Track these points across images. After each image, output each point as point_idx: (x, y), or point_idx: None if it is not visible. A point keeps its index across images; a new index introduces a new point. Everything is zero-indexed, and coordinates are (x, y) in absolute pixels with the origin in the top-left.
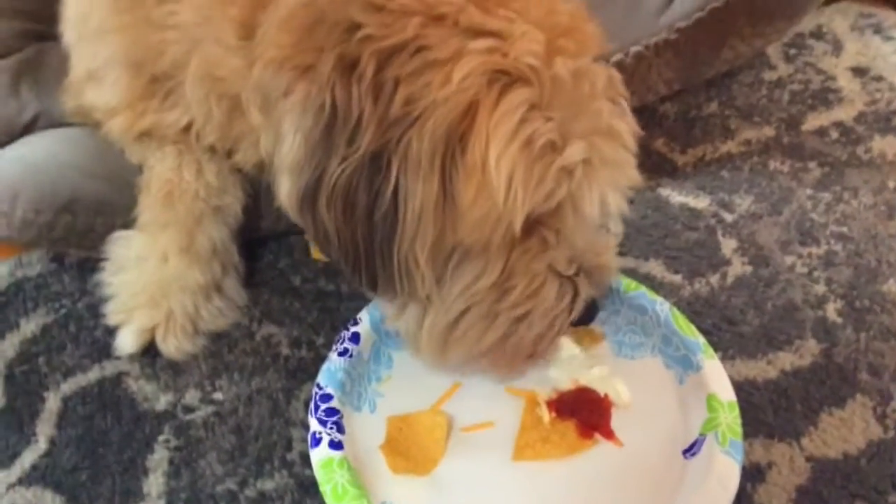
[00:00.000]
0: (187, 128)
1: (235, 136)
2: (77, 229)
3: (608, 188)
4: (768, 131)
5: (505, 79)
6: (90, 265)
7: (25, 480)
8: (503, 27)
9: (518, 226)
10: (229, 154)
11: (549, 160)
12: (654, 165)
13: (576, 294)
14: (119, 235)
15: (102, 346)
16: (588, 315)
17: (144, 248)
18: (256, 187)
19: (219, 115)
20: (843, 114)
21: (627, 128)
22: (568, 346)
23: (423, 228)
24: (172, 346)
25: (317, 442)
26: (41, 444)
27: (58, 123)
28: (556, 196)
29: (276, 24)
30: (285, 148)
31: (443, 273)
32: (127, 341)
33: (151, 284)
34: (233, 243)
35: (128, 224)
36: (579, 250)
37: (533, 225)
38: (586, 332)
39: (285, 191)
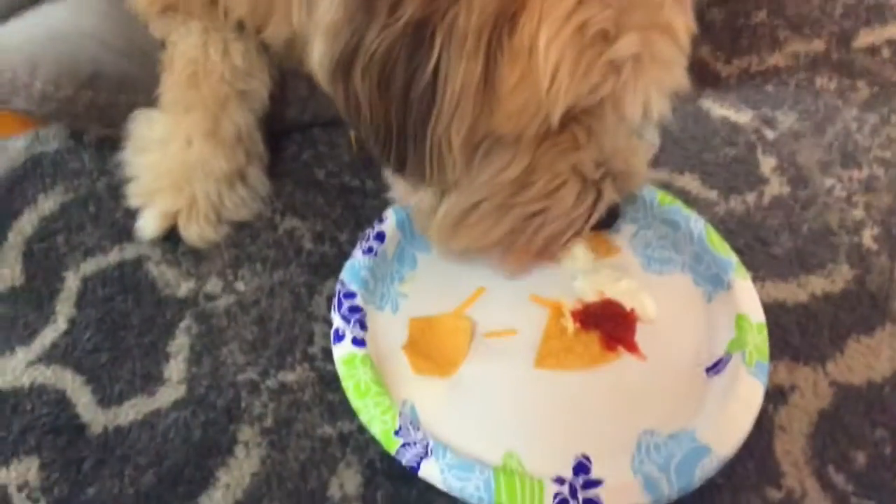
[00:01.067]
0: (215, 0)
1: (266, 9)
2: (98, 105)
3: (654, 89)
4: (818, 45)
5: None
6: (109, 143)
7: (45, 358)
8: None
9: (557, 118)
10: (258, 30)
11: (598, 50)
12: (696, 75)
13: (598, 198)
14: (141, 114)
15: (122, 228)
16: (608, 220)
17: (167, 129)
18: (283, 74)
19: None
20: None
21: (685, 25)
22: (582, 254)
23: (461, 111)
24: (195, 232)
25: (339, 338)
26: (60, 324)
27: None
28: (600, 91)
29: None
30: (322, 9)
31: (471, 160)
32: (148, 225)
33: (174, 168)
34: (258, 131)
35: (150, 102)
36: (608, 153)
37: (567, 121)
38: (602, 242)
39: (318, 55)
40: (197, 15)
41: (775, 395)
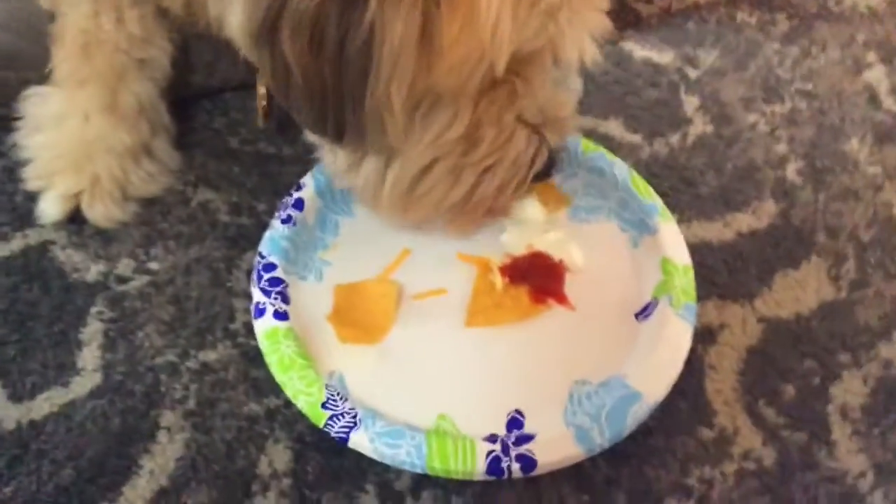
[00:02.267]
0: None
1: None
2: None
3: (586, 34)
4: None
5: None
6: (3, 123)
7: None
8: None
9: (501, 66)
10: None
11: None
12: (617, 16)
13: (540, 145)
14: (33, 92)
15: (24, 213)
16: (547, 170)
17: (62, 106)
18: (185, 37)
19: None
20: None
21: None
22: (533, 207)
23: (401, 68)
24: (100, 213)
25: (261, 312)
26: None
27: None
28: (540, 37)
29: None
30: None
31: (412, 120)
32: (50, 208)
33: (73, 146)
34: (161, 101)
35: (43, 79)
36: (542, 102)
37: (506, 72)
38: (552, 194)
39: (238, 20)
40: None
41: (705, 335)
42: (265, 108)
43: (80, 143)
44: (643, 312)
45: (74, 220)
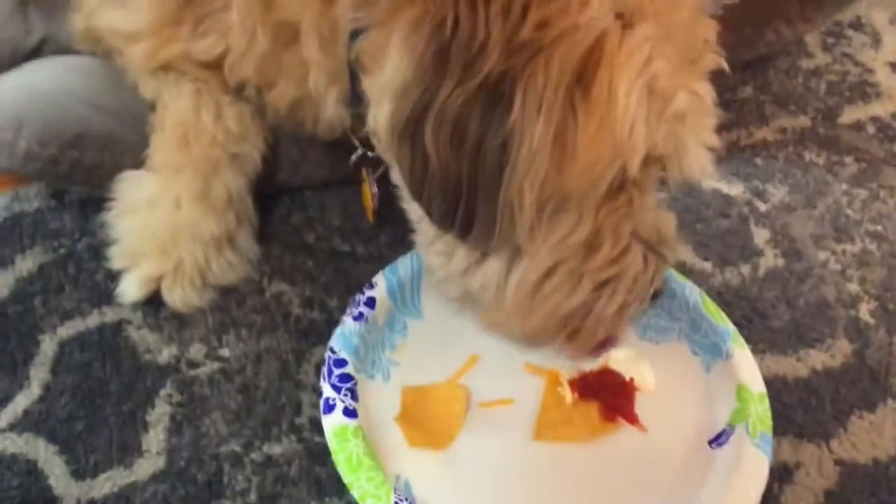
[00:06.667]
0: (218, 60)
1: (274, 71)
2: (83, 165)
3: (702, 147)
4: (804, 121)
5: (630, 11)
6: (92, 204)
7: (17, 426)
8: None
9: (636, 166)
10: (262, 91)
11: (663, 104)
12: None
13: (658, 264)
14: (128, 175)
15: (103, 291)
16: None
17: (156, 191)
18: (276, 137)
19: (264, 45)
20: (881, 109)
21: (709, 88)
22: None
23: (537, 167)
24: (178, 297)
25: (330, 408)
26: (34, 390)
27: (65, 50)
28: (669, 142)
29: None
30: (389, 69)
31: (539, 220)
32: (131, 288)
33: (162, 231)
34: (249, 194)
35: (136, 164)
36: (655, 220)
37: (624, 182)
38: None
39: (385, 115)
40: (192, 76)
41: (780, 473)
42: (374, 205)
43: (168, 228)
44: (717, 440)
45: (152, 301)
